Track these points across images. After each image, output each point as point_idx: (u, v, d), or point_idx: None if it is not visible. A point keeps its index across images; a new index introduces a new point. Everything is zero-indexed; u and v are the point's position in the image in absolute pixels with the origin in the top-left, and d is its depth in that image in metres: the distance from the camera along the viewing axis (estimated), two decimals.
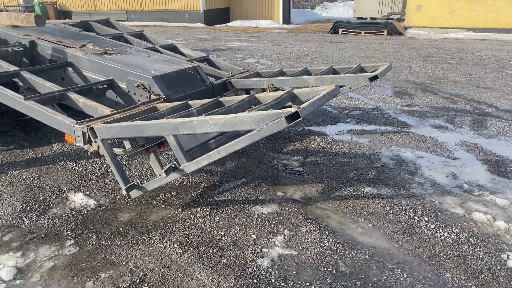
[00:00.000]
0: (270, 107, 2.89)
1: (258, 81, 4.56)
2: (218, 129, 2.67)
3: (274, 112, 2.48)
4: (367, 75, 4.08)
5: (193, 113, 3.08)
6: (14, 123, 5.35)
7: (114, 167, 3.12)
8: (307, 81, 4.33)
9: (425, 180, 3.85)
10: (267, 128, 2.52)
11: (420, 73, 9.01)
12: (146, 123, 2.86)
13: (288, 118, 2.45)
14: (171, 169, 2.97)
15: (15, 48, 4.43)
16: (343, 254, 2.78)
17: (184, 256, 2.74)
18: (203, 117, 2.66)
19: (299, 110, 2.41)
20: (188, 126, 2.72)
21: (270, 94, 3.26)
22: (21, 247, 2.84)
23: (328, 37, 16.51)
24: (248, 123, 2.56)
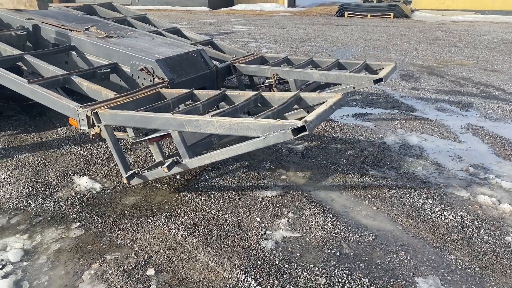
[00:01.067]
0: (276, 113, 2.88)
1: (262, 69, 4.55)
2: (223, 132, 2.69)
3: (281, 122, 2.50)
4: (372, 77, 4.06)
5: (199, 107, 3.08)
6: (20, 108, 5.37)
7: (116, 153, 3.14)
8: (311, 75, 4.33)
9: (430, 164, 3.84)
10: (272, 138, 2.55)
11: (427, 56, 8.92)
12: (152, 115, 2.86)
13: (295, 131, 2.48)
14: (173, 164, 3.00)
15: (18, 32, 4.42)
16: (347, 236, 2.79)
17: (189, 238, 2.76)
18: (210, 117, 2.67)
19: (306, 124, 2.44)
20: (193, 125, 2.73)
21: (277, 95, 3.22)
22: (28, 230, 2.87)
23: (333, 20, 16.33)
24: (254, 130, 2.59)
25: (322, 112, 2.72)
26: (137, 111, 2.91)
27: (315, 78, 4.34)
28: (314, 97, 3.17)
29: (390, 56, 8.85)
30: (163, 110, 3.13)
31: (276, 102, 3.18)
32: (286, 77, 4.44)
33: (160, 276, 2.43)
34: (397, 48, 9.81)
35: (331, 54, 9.13)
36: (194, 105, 3.08)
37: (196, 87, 4.29)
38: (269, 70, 4.48)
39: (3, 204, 3.19)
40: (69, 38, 4.28)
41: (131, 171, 3.15)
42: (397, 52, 9.25)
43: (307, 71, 4.39)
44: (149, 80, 3.79)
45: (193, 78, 4.12)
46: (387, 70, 4.32)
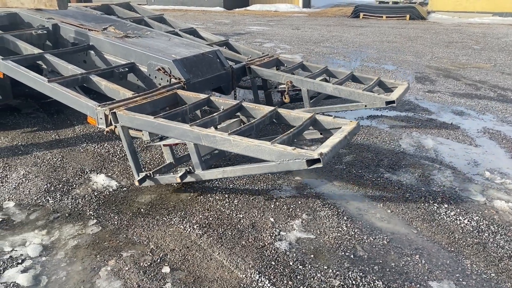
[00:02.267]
0: (292, 137, 2.91)
1: (277, 75, 4.60)
2: (239, 151, 2.74)
3: (297, 152, 2.55)
4: (384, 99, 4.10)
5: (215, 119, 3.13)
6: (38, 106, 5.46)
7: (130, 154, 3.20)
8: (325, 88, 4.38)
9: (445, 167, 3.81)
10: (286, 165, 2.61)
11: (443, 58, 8.83)
12: (169, 124, 2.91)
13: (309, 162, 2.53)
14: (186, 175, 3.06)
15: (38, 31, 4.50)
16: (361, 239, 2.79)
17: (204, 237, 2.79)
18: (227, 135, 2.72)
19: (321, 157, 2.49)
20: (210, 140, 2.78)
21: (292, 113, 3.24)
22: (46, 226, 2.93)
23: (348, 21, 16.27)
24: (269, 155, 2.64)
25: (337, 144, 2.76)
26: (156, 117, 2.96)
27: (328, 91, 4.41)
28: (329, 122, 3.18)
29: (405, 58, 8.79)
30: (180, 116, 3.20)
31: (292, 121, 3.23)
32: (299, 86, 4.52)
33: (175, 274, 2.46)
34: (412, 50, 9.74)
35: (346, 55, 9.10)
36: (211, 116, 3.12)
37: (212, 87, 4.35)
38: (284, 76, 4.54)
39: (22, 200, 3.25)
40: (88, 37, 4.35)
41: (143, 174, 3.22)
42: (412, 54, 9.18)
43: (321, 83, 4.45)
44: (166, 80, 3.83)
45: (209, 79, 4.15)
46: (400, 91, 4.36)
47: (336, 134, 2.91)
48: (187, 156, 3.32)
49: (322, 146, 2.69)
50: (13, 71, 3.66)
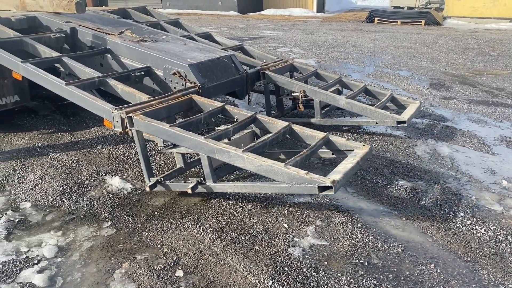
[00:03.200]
0: (305, 157, 2.92)
1: (291, 83, 4.64)
2: (251, 170, 2.77)
3: (309, 177, 2.57)
4: (396, 118, 4.13)
5: (229, 131, 3.15)
6: (54, 108, 5.54)
7: (143, 159, 3.24)
8: (337, 101, 4.42)
9: (461, 175, 3.76)
10: (297, 188, 2.64)
11: (459, 64, 8.74)
12: (185, 135, 2.94)
13: (321, 188, 2.55)
14: (197, 186, 3.09)
15: (57, 34, 4.56)
16: (376, 246, 2.76)
17: (217, 242, 2.79)
18: (241, 152, 2.74)
19: (333, 185, 2.52)
20: (224, 155, 2.81)
21: (306, 131, 3.25)
22: (62, 227, 2.96)
23: (363, 26, 16.21)
24: (282, 176, 2.66)
25: (350, 170, 2.78)
26: (171, 126, 2.99)
27: (341, 104, 4.43)
28: (342, 143, 3.18)
29: (420, 64, 8.72)
30: (194, 124, 3.25)
31: (305, 139, 3.26)
32: (312, 96, 4.56)
33: (188, 278, 2.46)
34: (428, 56, 9.65)
35: (360, 60, 9.06)
36: (225, 129, 3.15)
37: (226, 91, 4.36)
38: (297, 85, 4.58)
39: (38, 201, 3.30)
40: (105, 41, 4.40)
41: (154, 179, 3.25)
42: (428, 60, 9.11)
43: (334, 95, 4.47)
44: (181, 84, 3.85)
45: (224, 83, 4.17)
46: (412, 110, 4.39)
47: (349, 159, 2.94)
48: (198, 161, 3.33)
49: (334, 172, 2.72)
50: (32, 73, 3.72)
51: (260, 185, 2.87)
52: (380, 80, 7.27)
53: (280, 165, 2.66)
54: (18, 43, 4.25)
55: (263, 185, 2.86)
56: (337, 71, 7.99)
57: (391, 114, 4.20)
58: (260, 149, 3.00)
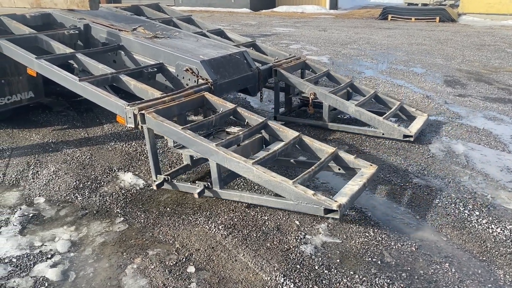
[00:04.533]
0: (313, 174, 2.95)
1: (302, 84, 4.67)
2: (259, 183, 2.82)
3: (316, 198, 2.61)
4: (403, 132, 4.21)
5: (240, 138, 3.16)
6: (68, 104, 5.59)
7: (151, 156, 3.25)
8: (347, 108, 4.47)
9: (477, 174, 3.70)
10: (303, 207, 2.69)
11: (474, 62, 8.61)
12: (196, 140, 2.95)
13: (326, 210, 2.59)
14: (204, 191, 3.10)
15: (70, 31, 4.60)
16: (389, 245, 2.73)
17: (229, 238, 2.78)
18: (251, 164, 2.77)
19: (339, 209, 2.56)
20: (233, 165, 2.84)
21: (315, 144, 3.27)
22: (75, 222, 2.99)
23: (376, 23, 16.06)
24: (289, 194, 2.70)
25: (356, 193, 2.81)
26: (183, 128, 3.00)
27: (350, 112, 4.48)
28: (350, 160, 3.19)
29: (435, 61, 8.60)
30: (206, 127, 3.29)
31: (314, 151, 3.27)
32: (322, 100, 4.60)
33: (200, 274, 2.46)
34: (442, 53, 9.52)
35: (373, 57, 8.98)
36: (236, 135, 3.15)
37: (239, 88, 4.36)
38: (308, 87, 4.58)
39: (52, 196, 3.33)
40: (118, 37, 4.42)
41: (161, 178, 3.26)
42: (442, 57, 8.98)
43: (343, 101, 4.50)
44: (193, 80, 3.85)
45: (236, 80, 4.16)
46: (419, 124, 4.45)
47: (356, 179, 2.97)
48: (204, 159, 3.33)
49: (341, 194, 2.75)
50: (46, 70, 3.75)
51: (266, 199, 2.89)
52: (393, 77, 7.19)
53: (288, 182, 2.69)
54: (32, 39, 4.29)
55: (269, 199, 2.88)
56: (350, 68, 7.93)
57: (398, 127, 4.27)
58: (270, 161, 3.07)
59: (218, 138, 3.33)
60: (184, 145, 3.11)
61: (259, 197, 2.92)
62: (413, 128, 4.33)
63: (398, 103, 4.76)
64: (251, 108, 5.62)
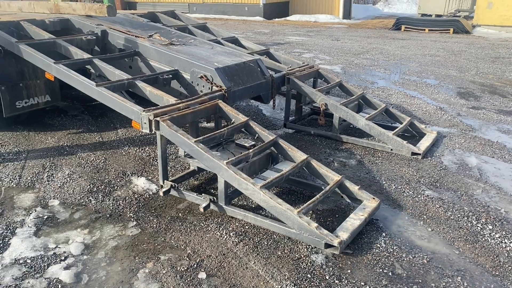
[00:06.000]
0: (318, 203, 2.99)
1: (314, 94, 4.71)
2: (264, 207, 2.87)
3: (319, 232, 2.66)
4: (411, 149, 4.24)
5: (249, 156, 3.20)
6: (83, 108, 5.67)
7: (161, 162, 3.30)
8: (357, 121, 4.52)
9: (490, 187, 3.67)
10: (305, 238, 2.75)
11: (488, 74, 8.55)
12: (207, 155, 3.00)
13: (327, 245, 2.66)
14: (209, 206, 3.13)
15: (88, 36, 4.68)
16: (400, 256, 2.72)
17: (240, 245, 2.80)
18: (259, 188, 2.82)
19: (339, 246, 2.62)
20: (242, 186, 2.89)
21: (321, 169, 3.29)
22: (88, 225, 3.02)
23: (390, 34, 16.03)
24: (292, 223, 2.75)
25: (357, 228, 2.86)
26: (196, 141, 3.05)
27: (360, 125, 4.52)
28: (354, 191, 3.23)
29: (448, 72, 8.57)
30: (217, 139, 3.34)
31: (320, 177, 3.31)
32: (333, 111, 4.64)
33: (211, 280, 2.48)
34: (456, 64, 9.48)
35: (386, 68, 8.97)
36: (246, 153, 3.18)
37: (252, 95, 4.39)
38: (320, 97, 4.61)
39: (66, 199, 3.37)
40: (134, 44, 4.48)
41: (168, 185, 3.31)
42: (456, 69, 8.94)
43: (354, 114, 4.53)
44: (207, 87, 3.89)
45: (250, 87, 4.19)
46: (428, 141, 4.48)
47: (357, 213, 3.01)
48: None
49: (342, 229, 2.81)
50: (64, 74, 3.81)
51: (270, 223, 2.92)
52: (406, 88, 7.17)
53: (293, 211, 2.73)
54: (51, 44, 4.37)
55: (273, 224, 2.90)
56: (363, 78, 7.93)
57: (407, 144, 4.28)
58: (277, 184, 3.15)
59: (227, 150, 3.37)
60: (195, 157, 3.15)
61: (263, 220, 2.95)
62: (422, 145, 4.36)
63: (408, 119, 4.78)
64: (263, 116, 5.65)
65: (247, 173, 3.10)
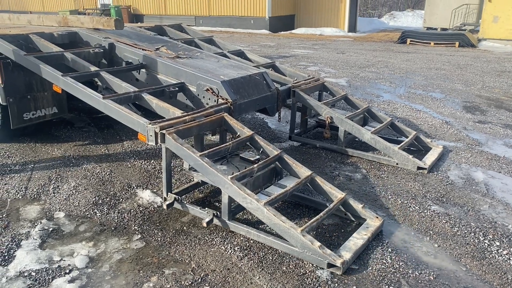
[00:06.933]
0: (321, 221, 2.99)
1: (319, 107, 4.73)
2: (268, 224, 2.88)
3: (322, 252, 2.65)
4: (417, 164, 4.24)
5: (254, 171, 3.20)
6: (89, 120, 5.70)
7: (165, 174, 3.31)
8: (363, 135, 4.52)
9: (497, 203, 3.64)
10: (307, 257, 2.73)
11: (495, 88, 8.54)
12: (212, 170, 3.00)
13: (329, 265, 2.65)
14: (212, 220, 3.12)
15: (95, 49, 4.73)
16: (406, 273, 2.69)
17: (244, 260, 2.78)
18: (262, 205, 2.82)
19: (342, 266, 2.61)
20: (246, 202, 2.89)
21: (326, 187, 3.29)
22: (93, 238, 3.02)
23: (395, 47, 16.08)
24: (296, 241, 2.75)
25: (360, 248, 2.86)
26: (201, 156, 3.06)
27: (365, 139, 4.51)
28: (357, 209, 3.22)
29: (454, 86, 8.56)
30: (222, 153, 3.35)
31: (324, 193, 3.31)
32: (338, 125, 4.64)
33: None
34: (462, 78, 9.47)
35: (392, 81, 8.98)
36: (250, 169, 3.18)
37: (257, 108, 4.40)
38: (325, 111, 4.62)
39: (72, 211, 3.38)
40: (141, 56, 4.52)
41: (172, 198, 3.31)
42: (462, 83, 8.93)
43: (359, 128, 4.54)
44: (213, 100, 3.91)
45: (255, 100, 4.21)
46: (434, 156, 4.48)
47: (361, 232, 3.00)
48: None
49: (345, 248, 2.81)
50: (71, 87, 3.85)
51: (273, 240, 2.90)
52: (412, 102, 7.17)
53: (297, 230, 2.73)
54: (59, 57, 4.42)
55: (275, 241, 2.89)
56: (368, 91, 7.93)
57: (413, 158, 4.27)
58: (281, 199, 3.14)
59: (232, 163, 3.37)
60: (199, 171, 3.15)
61: (266, 237, 2.93)
62: (428, 160, 4.35)
63: (414, 133, 4.77)
64: (268, 129, 5.66)
65: (251, 188, 3.10)
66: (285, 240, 2.82)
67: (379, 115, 4.98)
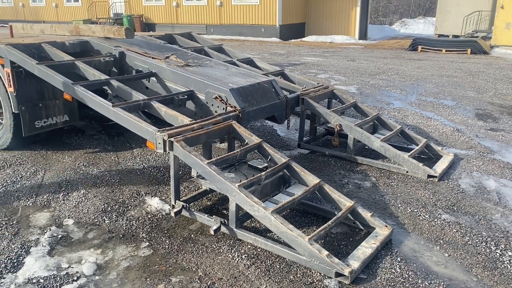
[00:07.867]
0: (329, 229, 2.96)
1: (328, 115, 4.71)
2: (275, 232, 2.86)
3: (330, 261, 2.63)
4: (427, 172, 4.20)
5: (262, 178, 3.20)
6: (100, 128, 5.75)
7: (173, 181, 3.32)
8: (372, 143, 4.49)
9: (509, 211, 3.58)
10: (315, 266, 2.71)
11: (507, 95, 8.44)
12: (220, 177, 3.00)
13: (337, 274, 2.62)
14: (219, 228, 3.11)
15: (106, 58, 4.78)
16: (416, 282, 2.65)
17: (252, 268, 2.77)
18: (270, 213, 2.81)
19: (350, 275, 2.58)
20: (253, 210, 2.88)
21: (334, 195, 3.27)
22: (101, 245, 3.03)
23: (406, 54, 16.01)
24: (303, 250, 2.73)
25: (369, 257, 2.83)
26: (209, 163, 3.07)
27: (375, 146, 4.48)
28: (366, 217, 3.20)
29: (466, 93, 8.48)
30: (230, 161, 3.36)
31: (332, 201, 3.28)
32: (347, 132, 4.62)
33: None
34: (474, 85, 9.38)
35: (402, 89, 8.92)
36: (258, 176, 3.18)
37: (266, 115, 4.41)
38: (334, 118, 4.60)
39: (81, 218, 3.40)
40: (151, 65, 4.56)
41: (180, 205, 3.32)
42: (473, 90, 8.85)
43: (369, 135, 4.51)
44: (222, 108, 3.92)
45: (264, 108, 4.21)
46: (445, 164, 4.44)
47: (369, 241, 2.97)
48: None
49: (353, 257, 2.78)
50: (82, 95, 3.89)
51: (280, 249, 2.89)
52: (423, 109, 7.11)
53: (304, 238, 2.71)
54: (70, 65, 4.48)
55: (283, 250, 2.87)
56: (379, 99, 7.90)
57: (423, 166, 4.23)
58: (289, 207, 3.13)
59: (240, 171, 3.37)
60: (207, 179, 3.16)
61: (273, 245, 2.91)
62: (439, 168, 4.31)
63: (424, 140, 4.72)
64: (277, 136, 5.65)
65: (258, 196, 3.09)
66: (292, 248, 2.80)
67: (389, 123, 4.95)
